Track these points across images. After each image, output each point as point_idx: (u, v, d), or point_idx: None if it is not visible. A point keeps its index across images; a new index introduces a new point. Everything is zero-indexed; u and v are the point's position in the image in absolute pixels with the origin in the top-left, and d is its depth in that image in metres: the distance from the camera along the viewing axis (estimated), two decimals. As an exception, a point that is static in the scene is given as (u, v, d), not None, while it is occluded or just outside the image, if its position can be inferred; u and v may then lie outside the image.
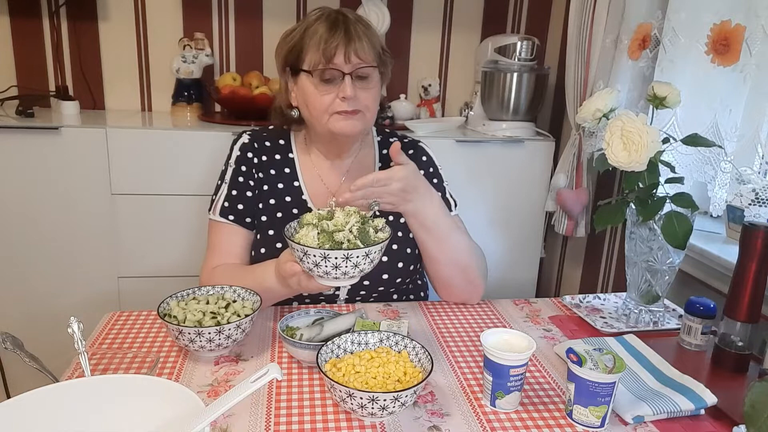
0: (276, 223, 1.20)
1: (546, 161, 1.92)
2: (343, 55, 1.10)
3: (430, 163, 1.30)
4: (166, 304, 0.99)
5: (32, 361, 0.84)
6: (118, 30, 1.97)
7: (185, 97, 1.97)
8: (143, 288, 1.77)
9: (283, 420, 0.81)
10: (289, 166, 1.24)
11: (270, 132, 1.28)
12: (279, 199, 1.22)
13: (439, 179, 1.30)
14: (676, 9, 1.23)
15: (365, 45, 1.12)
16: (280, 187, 1.22)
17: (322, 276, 0.89)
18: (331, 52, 1.10)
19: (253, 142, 1.24)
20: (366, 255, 0.87)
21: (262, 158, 1.23)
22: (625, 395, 0.87)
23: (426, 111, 2.14)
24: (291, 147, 1.27)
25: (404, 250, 1.21)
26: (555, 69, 2.13)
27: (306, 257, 0.87)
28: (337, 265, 0.86)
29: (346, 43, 1.10)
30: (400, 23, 2.10)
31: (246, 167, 1.22)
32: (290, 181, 1.23)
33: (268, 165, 1.23)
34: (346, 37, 1.11)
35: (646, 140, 1.00)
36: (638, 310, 1.15)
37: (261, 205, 1.21)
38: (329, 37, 1.11)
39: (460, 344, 1.05)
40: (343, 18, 1.13)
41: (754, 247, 0.93)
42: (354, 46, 1.11)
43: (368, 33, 1.14)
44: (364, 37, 1.12)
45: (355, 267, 0.87)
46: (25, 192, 1.66)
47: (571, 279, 2.08)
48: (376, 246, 0.88)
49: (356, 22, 1.14)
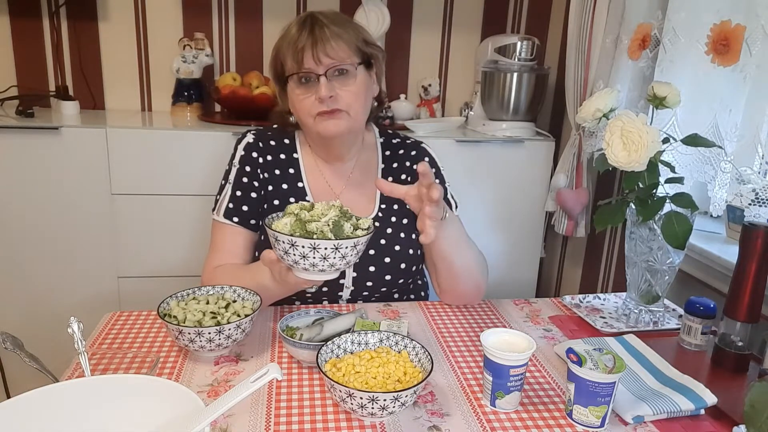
0: None
1: (546, 161, 1.92)
2: (311, 56, 1.10)
3: (433, 164, 1.30)
4: (166, 304, 0.99)
5: (32, 361, 0.84)
6: (118, 30, 1.97)
7: (185, 97, 1.97)
8: (143, 288, 1.77)
9: (283, 420, 0.81)
10: (294, 167, 1.24)
11: (274, 131, 1.27)
12: (283, 199, 1.21)
13: (442, 180, 1.30)
14: (676, 9, 1.23)
15: (335, 44, 1.10)
16: (284, 187, 1.22)
17: (293, 266, 0.88)
18: (299, 55, 1.10)
19: (257, 141, 1.23)
20: (335, 248, 0.85)
21: (267, 158, 1.22)
22: (625, 395, 0.87)
23: (426, 111, 2.14)
24: (296, 147, 1.26)
25: (407, 251, 1.21)
26: (555, 69, 2.13)
27: (277, 243, 0.87)
28: (304, 254, 0.85)
29: (312, 44, 1.10)
30: (400, 23, 2.10)
31: (250, 167, 1.21)
32: (294, 181, 1.23)
33: (273, 165, 1.23)
34: (311, 39, 1.10)
35: (646, 140, 1.00)
36: (638, 310, 1.15)
37: (266, 206, 1.21)
38: (297, 40, 1.11)
39: (460, 344, 1.05)
40: (312, 20, 1.12)
41: (754, 247, 0.93)
42: (322, 45, 1.09)
43: (341, 31, 1.12)
44: (334, 37, 1.11)
45: (324, 259, 0.85)
46: (25, 192, 1.66)
47: (571, 279, 2.08)
48: (348, 241, 0.85)
49: (327, 23, 1.12)
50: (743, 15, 1.11)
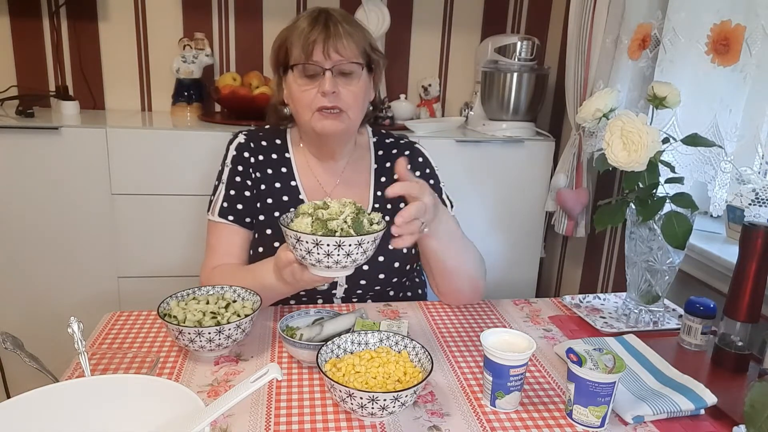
0: (273, 222, 1.20)
1: (546, 161, 1.92)
2: (321, 50, 1.10)
3: (427, 164, 1.30)
4: (166, 304, 0.99)
5: (32, 361, 0.84)
6: (118, 30, 1.98)
7: (185, 97, 1.97)
8: (143, 288, 1.77)
9: (283, 420, 0.81)
10: (286, 166, 1.24)
11: (266, 131, 1.28)
12: (276, 198, 1.22)
13: (436, 180, 1.30)
14: (676, 9, 1.23)
15: (346, 42, 1.11)
16: (277, 186, 1.22)
17: (315, 264, 0.88)
18: (310, 48, 1.10)
19: (249, 141, 1.24)
20: (358, 244, 0.87)
21: (258, 157, 1.23)
22: (625, 395, 0.87)
23: (426, 111, 2.14)
24: (287, 146, 1.26)
25: (400, 249, 1.20)
26: (555, 69, 2.13)
27: (299, 244, 0.87)
28: (329, 252, 0.86)
29: (324, 39, 1.10)
30: (400, 23, 2.10)
31: (243, 167, 1.22)
32: (287, 180, 1.23)
33: (265, 164, 1.23)
34: (324, 33, 1.11)
35: (646, 140, 1.00)
36: (638, 310, 1.15)
37: (259, 205, 1.21)
38: (309, 32, 1.11)
39: (460, 344, 1.05)
40: (326, 15, 1.13)
41: (754, 247, 0.93)
42: (333, 41, 1.10)
43: (353, 31, 1.14)
44: (345, 35, 1.12)
45: (347, 256, 0.87)
46: (25, 192, 1.66)
47: (571, 279, 2.08)
48: (369, 236, 0.88)
49: (340, 20, 1.14)
50: (743, 15, 1.11)
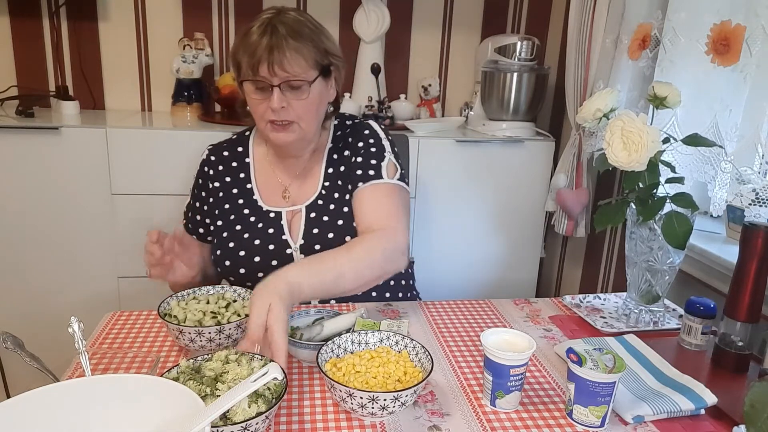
0: (230, 225, 1.22)
1: (546, 161, 1.92)
2: (266, 67, 1.08)
3: (372, 135, 1.25)
4: (166, 303, 0.99)
5: (32, 361, 0.84)
6: (118, 30, 1.98)
7: (185, 97, 1.97)
8: (143, 288, 1.77)
9: (283, 420, 0.81)
10: (244, 171, 1.27)
11: (230, 142, 1.31)
12: (233, 203, 1.25)
13: (380, 149, 1.24)
14: (676, 9, 1.23)
15: (292, 57, 1.08)
16: (234, 192, 1.26)
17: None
18: (255, 64, 1.08)
19: (210, 155, 1.29)
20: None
21: (218, 168, 1.27)
22: (625, 395, 0.87)
23: (426, 111, 2.14)
24: (248, 152, 1.29)
25: (350, 224, 1.19)
26: (555, 69, 2.13)
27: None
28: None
29: (268, 56, 1.07)
30: (400, 23, 2.10)
31: (203, 180, 1.28)
32: (244, 185, 1.26)
33: (224, 173, 1.27)
34: (268, 50, 1.07)
35: (646, 140, 1.00)
36: (638, 310, 1.15)
37: (217, 212, 1.25)
38: (255, 48, 1.08)
39: (460, 344, 1.05)
40: (272, 28, 1.08)
41: (754, 247, 0.93)
42: (279, 58, 1.07)
43: (300, 45, 1.09)
44: (291, 50, 1.08)
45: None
46: (25, 192, 1.66)
47: (571, 279, 2.08)
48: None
49: (287, 33, 1.08)
50: (743, 15, 1.11)
